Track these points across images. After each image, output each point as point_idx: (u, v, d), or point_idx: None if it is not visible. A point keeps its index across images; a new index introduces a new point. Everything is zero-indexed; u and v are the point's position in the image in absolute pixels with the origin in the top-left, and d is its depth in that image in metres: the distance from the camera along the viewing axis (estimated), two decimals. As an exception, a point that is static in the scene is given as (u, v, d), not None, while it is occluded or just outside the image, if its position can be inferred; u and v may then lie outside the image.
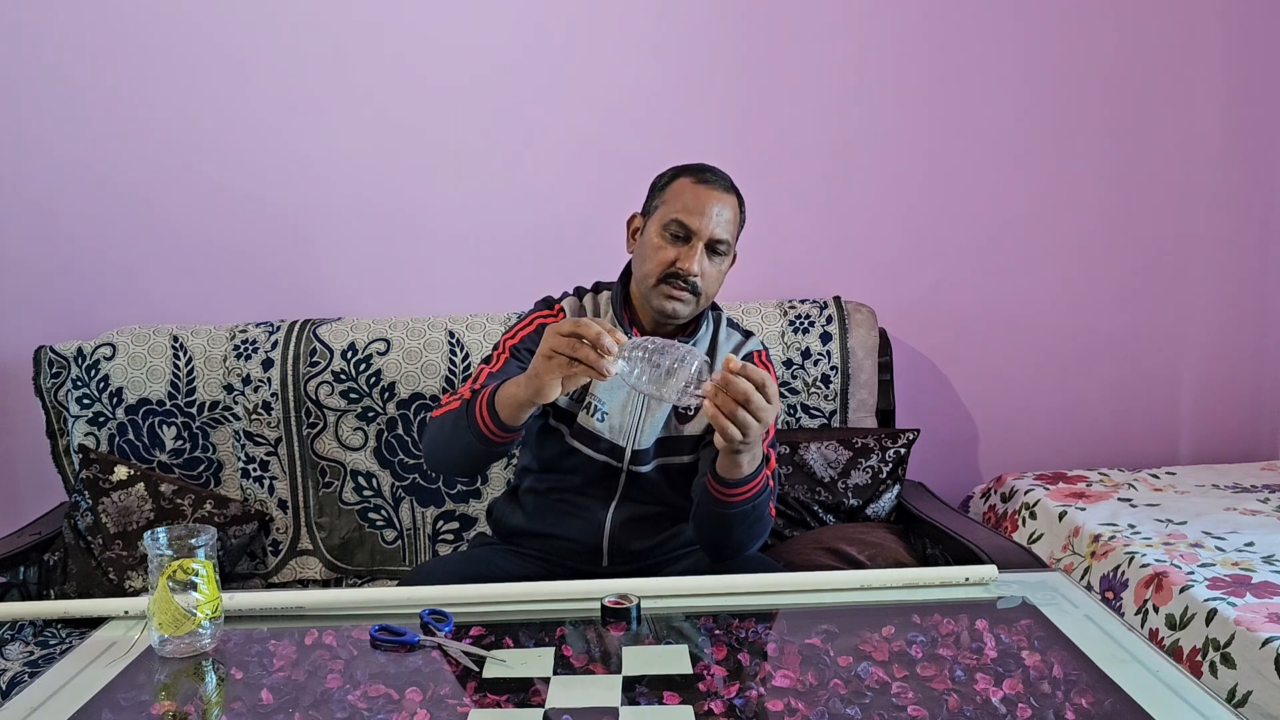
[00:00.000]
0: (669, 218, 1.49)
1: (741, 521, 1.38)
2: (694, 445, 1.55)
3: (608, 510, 1.55)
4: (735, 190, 1.54)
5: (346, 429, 2.01)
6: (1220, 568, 1.61)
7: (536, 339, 1.54)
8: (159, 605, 1.13)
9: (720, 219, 1.49)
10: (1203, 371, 2.35)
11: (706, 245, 1.48)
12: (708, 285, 1.50)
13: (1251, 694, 1.33)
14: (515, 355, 1.54)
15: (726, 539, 1.41)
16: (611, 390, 1.54)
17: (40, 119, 2.17)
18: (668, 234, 1.49)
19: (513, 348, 1.54)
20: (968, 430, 2.36)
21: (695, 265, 1.46)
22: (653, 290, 1.49)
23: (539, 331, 1.55)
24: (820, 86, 2.22)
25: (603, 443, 1.53)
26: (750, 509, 1.37)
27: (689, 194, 1.49)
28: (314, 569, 2.01)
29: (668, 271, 1.47)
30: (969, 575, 1.30)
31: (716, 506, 1.37)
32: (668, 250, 1.48)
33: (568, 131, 2.21)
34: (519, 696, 1.03)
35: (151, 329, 2.08)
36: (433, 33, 2.17)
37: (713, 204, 1.48)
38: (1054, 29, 2.22)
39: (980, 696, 1.00)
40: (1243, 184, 2.29)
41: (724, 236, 1.49)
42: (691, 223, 1.47)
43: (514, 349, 1.54)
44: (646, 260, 1.51)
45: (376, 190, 2.22)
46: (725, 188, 1.52)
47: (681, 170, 1.54)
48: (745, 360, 1.56)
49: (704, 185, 1.50)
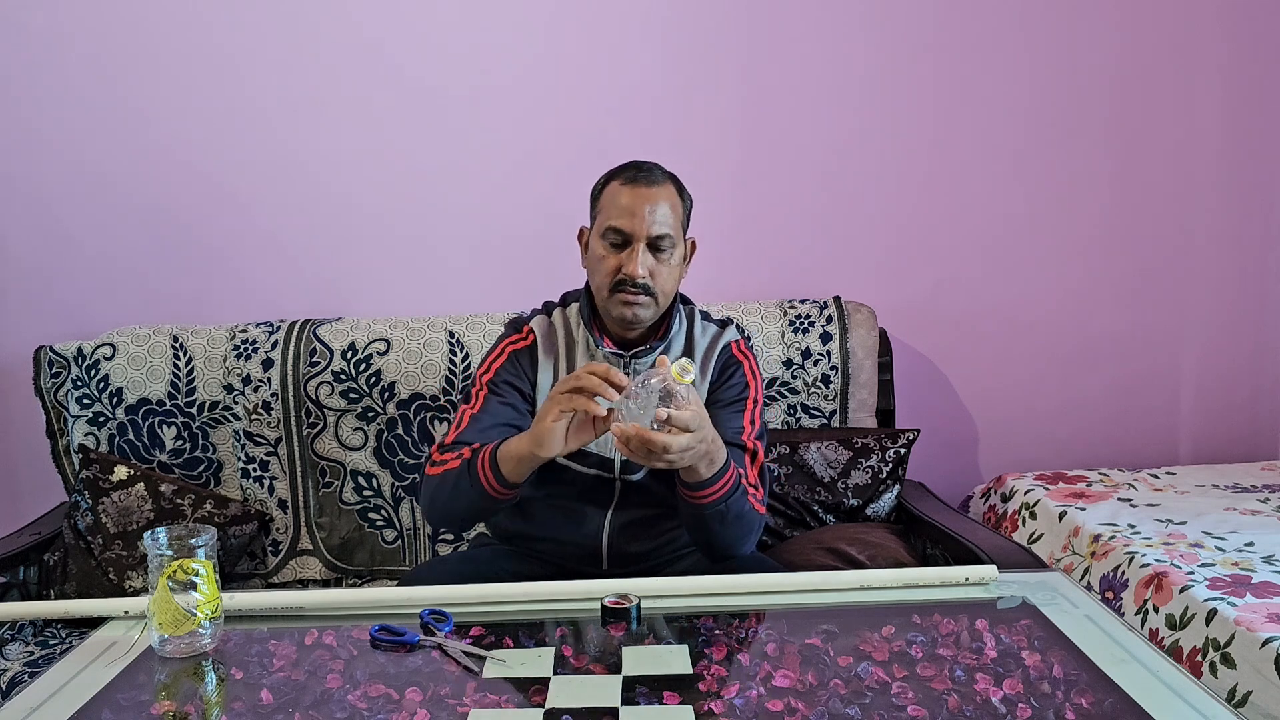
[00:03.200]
0: (605, 226, 1.48)
1: (720, 520, 1.38)
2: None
3: (605, 516, 1.54)
4: (671, 180, 1.52)
5: (346, 429, 2.01)
6: (1220, 568, 1.61)
7: (510, 369, 1.54)
8: (159, 605, 1.13)
9: (655, 215, 1.46)
10: (1203, 371, 2.35)
11: (648, 245, 1.46)
12: (662, 284, 1.48)
13: (1251, 694, 1.33)
14: (494, 390, 1.52)
15: (712, 538, 1.41)
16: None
17: (41, 119, 2.17)
18: (607, 242, 1.47)
19: (489, 383, 1.53)
20: (968, 430, 2.36)
21: (640, 268, 1.44)
22: (608, 301, 1.48)
23: (511, 360, 1.54)
24: (821, 86, 2.22)
25: (591, 457, 1.52)
26: (724, 508, 1.37)
27: (621, 198, 1.47)
28: (314, 569, 2.01)
29: (616, 280, 1.46)
30: (969, 575, 1.30)
31: (691, 508, 1.38)
32: (610, 259, 1.47)
33: (568, 132, 2.21)
34: (519, 696, 1.03)
35: (151, 329, 2.08)
36: (432, 34, 2.18)
37: (644, 204, 1.46)
38: (1055, 29, 2.22)
39: (980, 696, 1.00)
40: (1243, 184, 2.29)
41: (663, 232, 1.47)
42: (626, 226, 1.45)
43: (490, 384, 1.53)
44: (595, 272, 1.50)
45: (376, 190, 2.22)
46: (655, 182, 1.49)
47: (612, 174, 1.52)
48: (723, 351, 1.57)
49: (633, 186, 1.48)
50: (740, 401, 1.54)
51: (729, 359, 1.58)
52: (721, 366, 1.57)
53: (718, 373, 1.57)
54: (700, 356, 1.57)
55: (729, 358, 1.58)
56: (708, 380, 1.56)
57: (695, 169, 2.22)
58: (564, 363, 1.55)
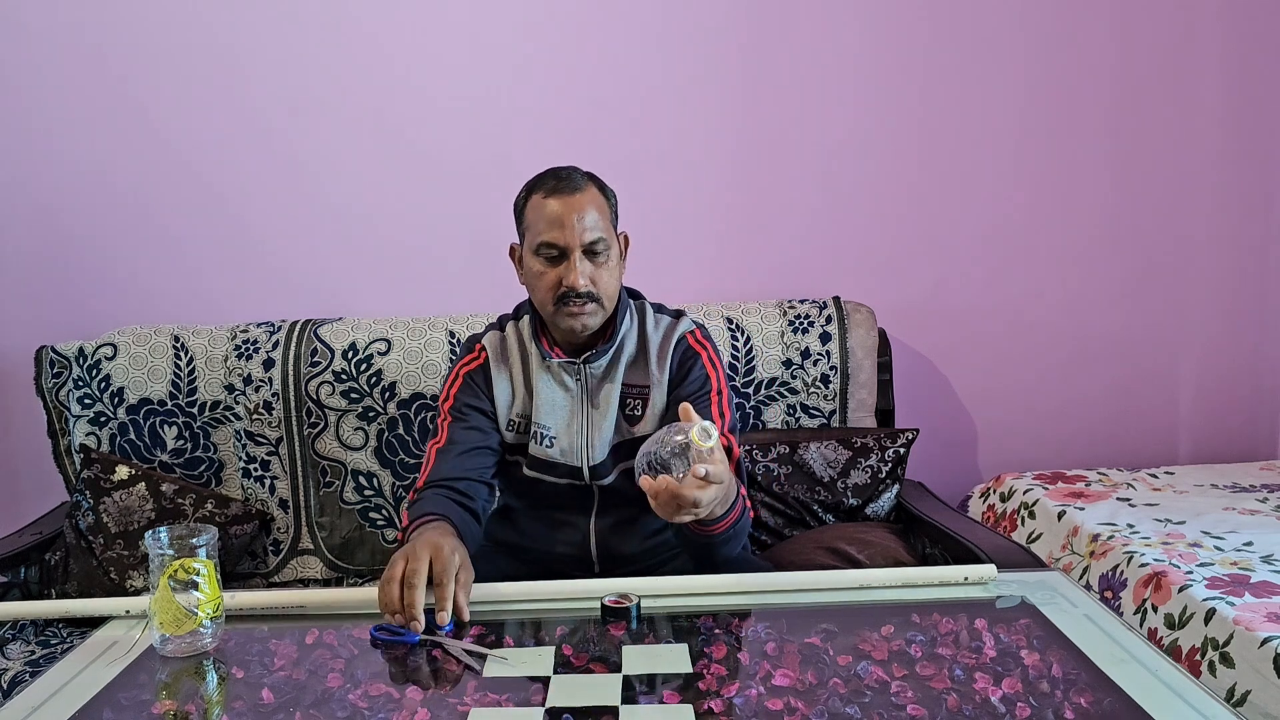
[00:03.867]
0: (537, 242, 1.46)
1: (724, 543, 1.38)
2: None
3: (589, 521, 1.54)
4: (592, 180, 1.49)
5: (347, 429, 2.01)
6: (1219, 567, 1.61)
7: (467, 391, 1.53)
8: (160, 604, 1.13)
9: (585, 223, 1.44)
10: (1202, 371, 2.35)
11: (584, 252, 1.44)
12: (604, 288, 1.46)
13: (1250, 693, 1.33)
14: (456, 416, 1.51)
15: (714, 557, 1.41)
16: (553, 413, 1.52)
17: (41, 119, 2.17)
18: (542, 258, 1.46)
19: (450, 410, 1.52)
20: (967, 430, 2.36)
21: (580, 278, 1.43)
22: (554, 315, 1.47)
23: (467, 383, 1.54)
24: (820, 86, 2.22)
25: (559, 467, 1.52)
26: (731, 533, 1.37)
27: (545, 211, 1.45)
28: (315, 568, 2.02)
29: (558, 294, 1.45)
30: (968, 575, 1.31)
31: (698, 540, 1.37)
32: (549, 273, 1.45)
33: (567, 132, 2.21)
34: (519, 696, 1.03)
35: (153, 329, 2.08)
36: (433, 35, 2.18)
37: (572, 213, 1.44)
38: (1054, 29, 2.22)
39: (979, 696, 1.00)
40: (1242, 184, 2.29)
41: (596, 237, 1.45)
42: (559, 239, 1.43)
43: (452, 411, 1.52)
44: (536, 289, 1.48)
45: (377, 191, 2.22)
46: (578, 188, 1.46)
47: (531, 188, 1.50)
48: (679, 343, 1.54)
49: (556, 196, 1.45)
50: (704, 394, 1.51)
51: (686, 350, 1.55)
52: (679, 359, 1.54)
53: (675, 366, 1.54)
54: (655, 351, 1.54)
55: (686, 349, 1.55)
56: (666, 375, 1.53)
57: (694, 169, 2.24)
58: (519, 375, 1.54)
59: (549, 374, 1.53)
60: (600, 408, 1.51)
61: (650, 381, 1.52)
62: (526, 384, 1.54)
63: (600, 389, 1.52)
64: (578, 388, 1.52)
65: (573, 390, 1.52)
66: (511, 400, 1.54)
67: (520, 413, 1.54)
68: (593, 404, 1.52)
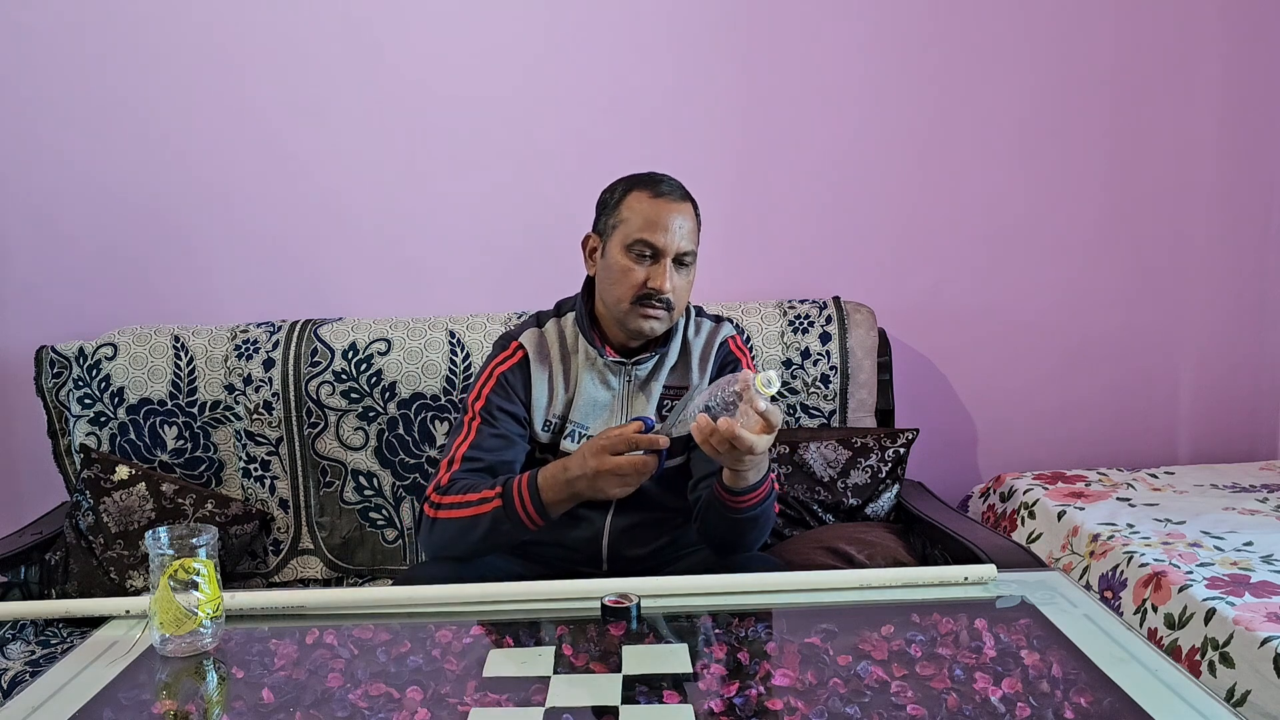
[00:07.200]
0: (632, 237, 1.45)
1: (753, 525, 1.39)
2: (683, 445, 1.52)
3: (605, 519, 1.54)
4: (689, 196, 1.51)
5: (347, 429, 2.01)
6: (1219, 567, 1.61)
7: (500, 393, 1.51)
8: (160, 604, 1.13)
9: (683, 231, 1.45)
10: (1202, 371, 2.35)
11: (674, 259, 1.45)
12: (679, 298, 1.48)
13: (1250, 693, 1.33)
14: (486, 419, 1.50)
15: (739, 541, 1.42)
16: (589, 413, 1.53)
17: (42, 119, 2.17)
18: (633, 254, 1.45)
19: (481, 411, 1.51)
20: (967, 430, 2.36)
21: (668, 283, 1.44)
22: (628, 313, 1.47)
23: (500, 384, 1.52)
24: (820, 86, 2.22)
25: None
26: (760, 512, 1.38)
27: (648, 210, 1.45)
28: (315, 568, 2.02)
29: (640, 293, 1.45)
30: (968, 574, 1.31)
31: (728, 512, 1.38)
32: (636, 271, 1.45)
33: (568, 131, 2.21)
34: (519, 696, 1.03)
35: (153, 329, 2.08)
36: (433, 36, 2.18)
37: (674, 217, 1.45)
38: (1053, 28, 2.22)
39: (979, 696, 1.00)
40: (1242, 184, 2.29)
41: (690, 248, 1.47)
42: (657, 240, 1.44)
43: (483, 412, 1.50)
44: (616, 284, 1.47)
45: (377, 191, 2.22)
46: (681, 196, 1.48)
47: (633, 184, 1.50)
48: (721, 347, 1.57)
49: (662, 199, 1.46)
50: None
51: (727, 355, 1.58)
52: (720, 363, 1.58)
53: (717, 369, 1.57)
54: (698, 355, 1.57)
55: (727, 354, 1.58)
56: (706, 379, 1.56)
57: (695, 169, 2.22)
58: (559, 374, 1.54)
59: (593, 372, 1.53)
60: (638, 409, 1.53)
61: (690, 384, 1.55)
62: (566, 382, 1.54)
63: (642, 391, 1.54)
64: (621, 388, 1.53)
65: (616, 390, 1.53)
66: (549, 400, 1.54)
67: (559, 414, 1.54)
68: (632, 405, 1.53)
